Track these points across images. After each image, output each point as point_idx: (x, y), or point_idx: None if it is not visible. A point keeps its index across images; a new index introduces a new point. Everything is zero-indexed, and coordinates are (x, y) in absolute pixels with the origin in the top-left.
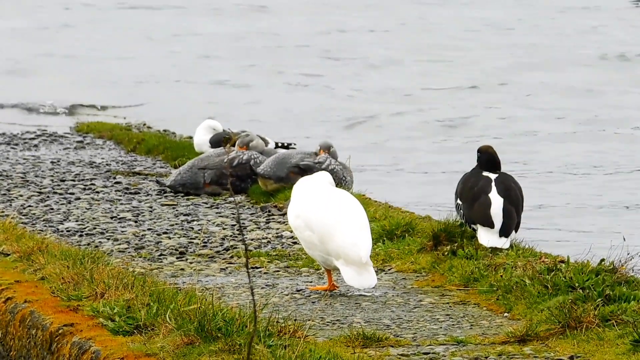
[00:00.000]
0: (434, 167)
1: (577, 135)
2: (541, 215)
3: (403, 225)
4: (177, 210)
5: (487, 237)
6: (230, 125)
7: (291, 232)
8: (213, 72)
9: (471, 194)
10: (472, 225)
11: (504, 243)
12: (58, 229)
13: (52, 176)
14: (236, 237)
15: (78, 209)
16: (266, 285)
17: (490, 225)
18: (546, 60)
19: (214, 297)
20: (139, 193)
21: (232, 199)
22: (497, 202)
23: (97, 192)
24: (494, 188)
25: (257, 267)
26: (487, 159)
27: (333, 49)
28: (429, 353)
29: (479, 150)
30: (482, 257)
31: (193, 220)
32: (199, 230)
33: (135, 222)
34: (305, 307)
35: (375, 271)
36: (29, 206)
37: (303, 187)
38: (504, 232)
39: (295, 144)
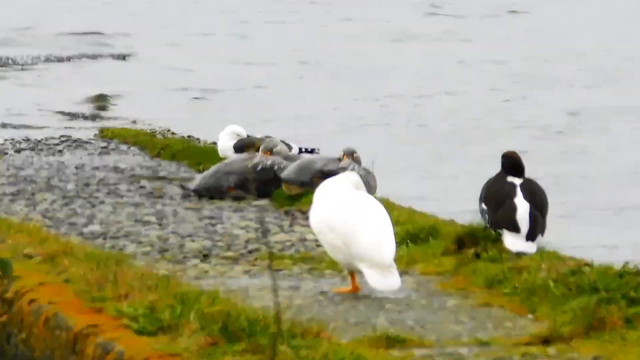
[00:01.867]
0: None
1: None
2: None
3: (427, 229)
4: (201, 214)
5: (513, 242)
6: (254, 131)
7: (315, 235)
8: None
9: (496, 198)
10: (498, 230)
11: (530, 247)
12: (82, 232)
13: (76, 180)
14: (260, 240)
15: (102, 212)
16: (290, 287)
17: (517, 229)
18: None
19: (238, 298)
20: (163, 197)
21: (256, 202)
22: (523, 207)
23: (121, 196)
24: (519, 193)
25: (280, 270)
26: (512, 163)
27: None
28: (452, 354)
29: (504, 156)
30: (506, 259)
31: (217, 224)
32: (223, 233)
33: (159, 225)
34: (328, 308)
35: (399, 274)
36: (53, 210)
37: (326, 191)
38: (531, 237)
39: (319, 149)
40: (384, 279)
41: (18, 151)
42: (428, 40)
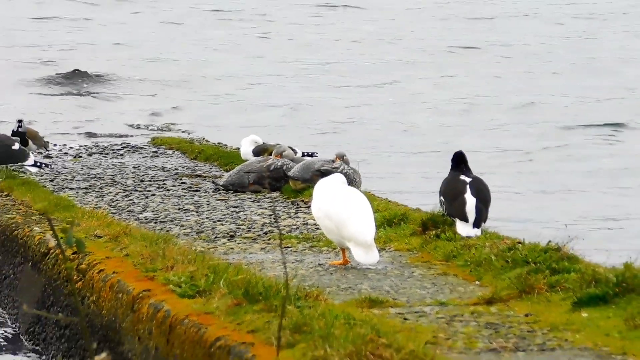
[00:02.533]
0: None
1: None
2: None
3: (399, 215)
4: (228, 204)
5: (463, 228)
6: (268, 139)
7: (314, 220)
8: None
9: (451, 193)
10: (452, 218)
11: (476, 232)
12: (138, 218)
13: (134, 178)
14: (273, 224)
15: (153, 202)
16: (295, 261)
17: (466, 220)
18: None
19: (256, 269)
20: (199, 191)
21: (269, 195)
22: (470, 201)
23: (168, 189)
24: (468, 190)
25: (288, 247)
26: (459, 160)
27: None
28: (419, 312)
29: (454, 154)
30: (460, 239)
31: (240, 211)
32: (244, 218)
33: (197, 212)
34: (325, 277)
35: (378, 250)
36: (116, 200)
37: (323, 186)
38: (476, 224)
39: (317, 153)
40: (366, 254)
41: (90, 155)
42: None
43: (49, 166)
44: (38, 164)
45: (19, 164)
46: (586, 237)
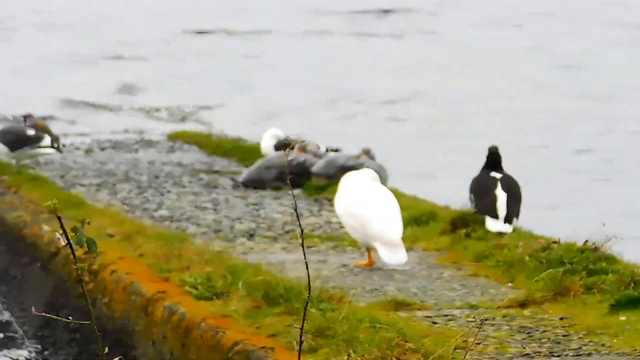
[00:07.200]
0: None
1: None
2: None
3: (427, 213)
4: (247, 201)
5: (493, 224)
6: (290, 133)
7: (338, 218)
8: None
9: (481, 190)
10: (482, 215)
11: (507, 228)
12: (153, 216)
13: (148, 174)
14: (294, 222)
15: (169, 200)
16: (318, 261)
17: (496, 216)
18: None
19: (277, 270)
20: (217, 187)
21: (291, 192)
22: (501, 198)
23: (184, 186)
24: (499, 186)
25: (311, 247)
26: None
27: None
28: (448, 315)
29: (489, 150)
30: (491, 238)
31: (260, 209)
32: (264, 217)
33: (214, 210)
34: (349, 278)
35: (405, 250)
36: (130, 197)
37: (348, 182)
38: (507, 220)
39: (341, 149)
40: (393, 254)
41: (102, 149)
42: None
43: (65, 146)
44: (55, 145)
45: (35, 145)
46: (625, 236)
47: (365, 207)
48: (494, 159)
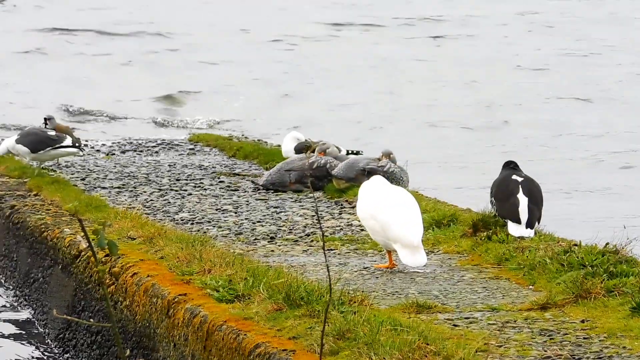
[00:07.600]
0: None
1: None
2: None
3: (448, 216)
4: (268, 204)
5: (515, 229)
6: (311, 136)
7: (359, 221)
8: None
9: (503, 194)
10: (504, 219)
11: (529, 233)
12: (174, 219)
13: (169, 176)
14: (315, 225)
15: (190, 202)
16: (339, 264)
17: (518, 221)
18: None
19: (298, 273)
20: (238, 190)
21: (312, 195)
22: (523, 202)
23: (205, 189)
24: (520, 190)
25: (332, 249)
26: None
27: None
28: (469, 318)
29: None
30: (512, 241)
31: (281, 212)
32: (285, 219)
33: (235, 213)
34: (370, 281)
35: (426, 253)
36: (151, 200)
37: (370, 185)
38: (529, 225)
39: (362, 151)
40: (414, 257)
41: (123, 152)
42: None
43: (87, 146)
44: (77, 144)
45: (57, 145)
46: None
47: (386, 209)
48: (512, 161)
